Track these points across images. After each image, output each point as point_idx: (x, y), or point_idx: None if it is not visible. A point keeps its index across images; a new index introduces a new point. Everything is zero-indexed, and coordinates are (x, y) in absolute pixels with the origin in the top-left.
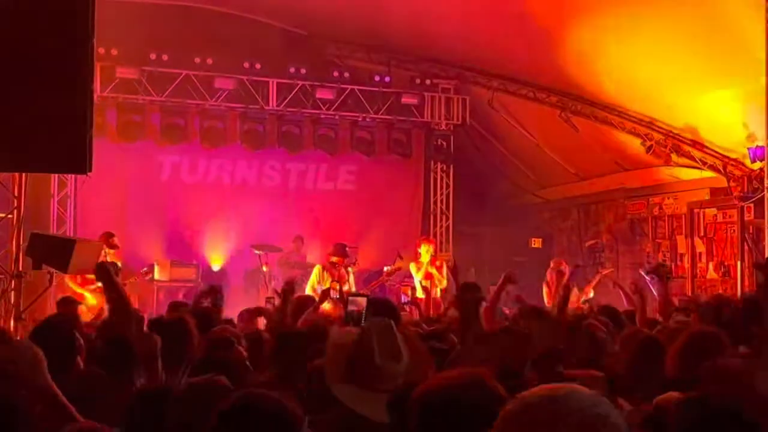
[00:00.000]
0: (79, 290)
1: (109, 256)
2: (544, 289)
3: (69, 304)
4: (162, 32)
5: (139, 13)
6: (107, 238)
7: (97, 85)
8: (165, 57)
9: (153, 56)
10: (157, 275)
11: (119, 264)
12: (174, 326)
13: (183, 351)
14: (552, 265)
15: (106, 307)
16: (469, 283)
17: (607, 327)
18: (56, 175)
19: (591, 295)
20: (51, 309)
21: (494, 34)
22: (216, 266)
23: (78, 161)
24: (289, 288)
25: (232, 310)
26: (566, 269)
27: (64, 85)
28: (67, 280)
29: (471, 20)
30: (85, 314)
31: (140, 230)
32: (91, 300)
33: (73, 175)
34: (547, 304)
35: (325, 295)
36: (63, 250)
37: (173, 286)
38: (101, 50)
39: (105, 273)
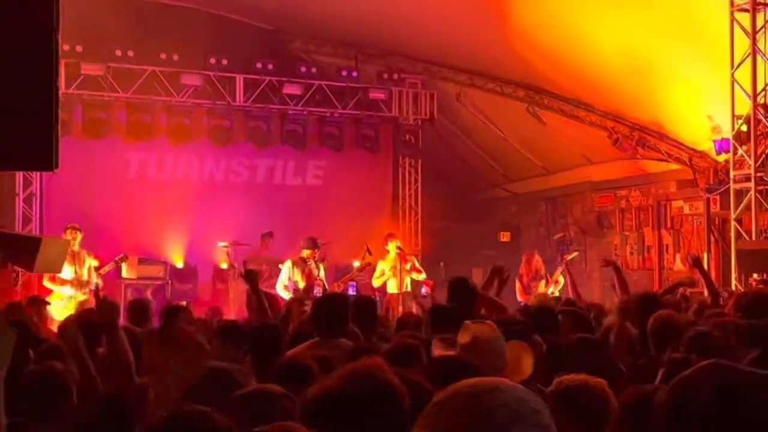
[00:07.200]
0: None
1: (76, 244)
2: (517, 284)
3: (38, 304)
4: (127, 28)
5: (104, 10)
6: (74, 231)
7: (61, 81)
8: (130, 53)
9: (118, 53)
10: (125, 273)
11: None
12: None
13: None
14: (524, 258)
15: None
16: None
17: None
18: (21, 173)
19: (561, 284)
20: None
21: (461, 28)
22: (183, 263)
23: (44, 158)
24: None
25: (200, 309)
26: (538, 260)
27: (28, 81)
28: (46, 281)
29: (438, 14)
30: (61, 312)
31: (107, 228)
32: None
33: (38, 173)
34: (519, 298)
35: (307, 292)
36: (29, 248)
37: (141, 284)
38: (66, 47)
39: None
